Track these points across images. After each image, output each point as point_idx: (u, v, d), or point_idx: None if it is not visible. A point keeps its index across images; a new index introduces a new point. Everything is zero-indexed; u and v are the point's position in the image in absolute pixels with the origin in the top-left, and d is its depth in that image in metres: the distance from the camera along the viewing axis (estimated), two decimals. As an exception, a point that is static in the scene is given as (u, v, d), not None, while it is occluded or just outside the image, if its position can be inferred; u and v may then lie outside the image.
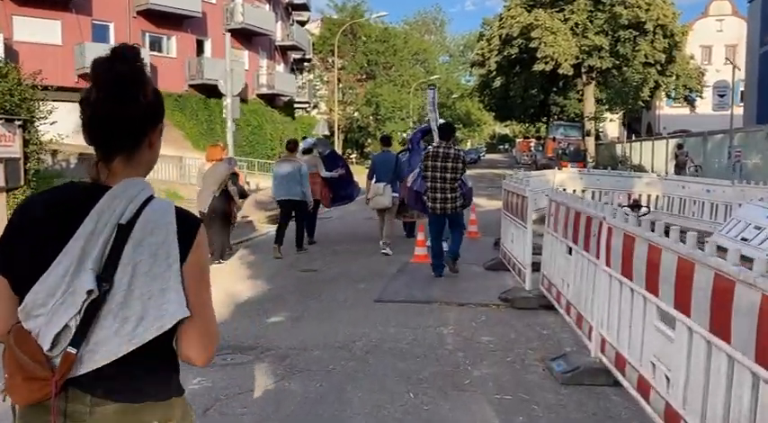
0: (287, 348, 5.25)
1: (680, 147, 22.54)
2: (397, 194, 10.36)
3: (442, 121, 11.23)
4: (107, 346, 1.41)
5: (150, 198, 1.49)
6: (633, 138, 39.04)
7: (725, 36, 47.78)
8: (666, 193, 14.45)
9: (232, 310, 6.51)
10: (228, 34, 16.70)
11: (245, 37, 33.16)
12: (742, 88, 28.76)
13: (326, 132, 32.90)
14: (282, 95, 36.39)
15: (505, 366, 4.79)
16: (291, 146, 10.60)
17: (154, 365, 1.49)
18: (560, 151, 32.13)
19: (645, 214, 11.10)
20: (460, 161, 7.88)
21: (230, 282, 7.94)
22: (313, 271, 8.70)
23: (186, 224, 1.51)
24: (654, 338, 3.56)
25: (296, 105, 41.31)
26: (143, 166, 1.56)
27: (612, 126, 57.40)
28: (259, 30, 33.21)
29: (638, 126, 51.84)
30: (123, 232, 1.43)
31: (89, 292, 1.39)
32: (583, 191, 15.33)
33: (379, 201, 10.24)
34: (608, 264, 4.37)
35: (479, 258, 9.15)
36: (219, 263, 9.11)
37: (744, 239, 10.52)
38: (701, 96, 39.21)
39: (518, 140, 69.01)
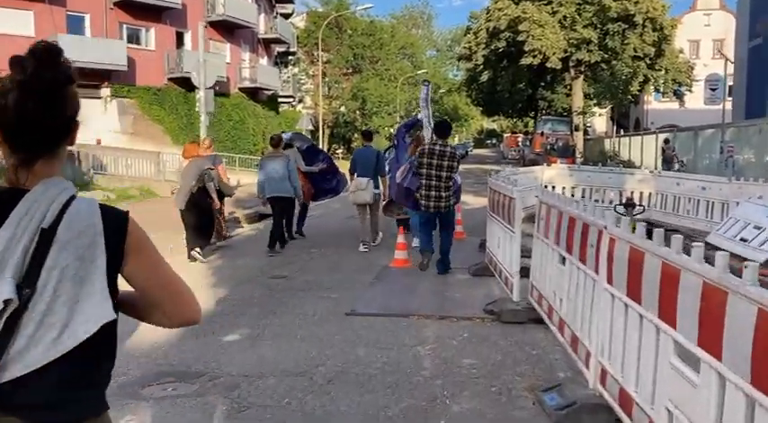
0: (239, 375, 4.56)
1: (666, 142, 22.14)
2: (379, 191, 10.06)
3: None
4: (29, 354, 1.35)
5: (72, 198, 1.43)
6: (622, 133, 38.52)
7: (712, 30, 47.38)
8: (660, 190, 13.85)
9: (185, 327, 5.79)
10: (202, 24, 15.91)
11: (227, 29, 32.31)
12: (730, 83, 28.30)
13: (310, 127, 32.17)
14: (266, 89, 35.56)
15: (490, 398, 4.12)
16: (275, 141, 10.38)
17: (71, 380, 1.40)
18: (548, 146, 31.51)
19: (639, 213, 10.50)
20: (456, 160, 7.88)
21: (190, 291, 7.23)
22: (283, 278, 7.98)
23: (113, 220, 1.47)
24: (670, 379, 2.90)
25: (280, 100, 40.46)
26: (61, 161, 1.50)
27: (600, 121, 56.92)
28: (241, 22, 32.36)
29: (625, 121, 51.39)
30: (46, 236, 1.38)
31: (6, 302, 1.33)
32: (573, 188, 14.75)
33: (361, 195, 9.93)
34: (610, 281, 3.72)
35: (464, 261, 8.50)
36: (193, 260, 8.87)
37: (743, 240, 9.95)
38: (690, 91, 38.77)
39: (505, 135, 68.44)
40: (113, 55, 25.91)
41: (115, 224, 1.47)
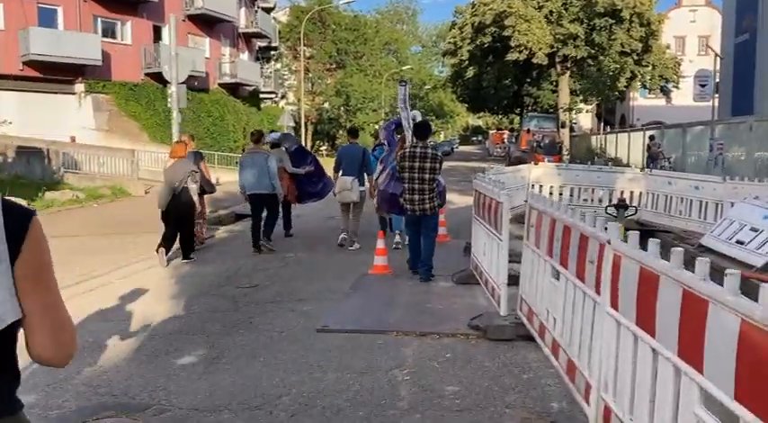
0: (189, 408, 3.99)
1: (652, 138, 21.84)
2: (365, 188, 9.90)
3: (415, 112, 10.19)
4: None
5: None
6: (608, 129, 38.28)
7: (698, 26, 47.37)
8: (651, 189, 13.40)
9: (135, 346, 5.19)
10: (173, 15, 15.22)
11: (206, 23, 31.55)
12: (717, 79, 28.06)
13: (292, 123, 31.44)
14: (246, 85, 34.78)
15: (475, 438, 3.59)
16: (256, 137, 10.20)
17: None
18: (535, 144, 31.09)
19: (632, 215, 10.04)
20: (438, 161, 7.64)
21: (149, 301, 6.64)
22: (252, 287, 7.39)
23: (15, 218, 1.38)
24: (694, 433, 2.38)
25: (262, 95, 39.69)
26: None
27: (586, 117, 56.77)
28: (221, 16, 31.58)
29: (611, 117, 51.24)
30: None
31: None
32: (561, 187, 14.29)
33: (347, 195, 9.79)
34: (614, 305, 3.18)
35: (448, 267, 7.96)
36: (166, 265, 8.56)
37: (739, 242, 9.50)
38: (677, 87, 38.58)
39: (491, 132, 68.11)
40: (87, 49, 25.07)
41: (18, 222, 1.38)
